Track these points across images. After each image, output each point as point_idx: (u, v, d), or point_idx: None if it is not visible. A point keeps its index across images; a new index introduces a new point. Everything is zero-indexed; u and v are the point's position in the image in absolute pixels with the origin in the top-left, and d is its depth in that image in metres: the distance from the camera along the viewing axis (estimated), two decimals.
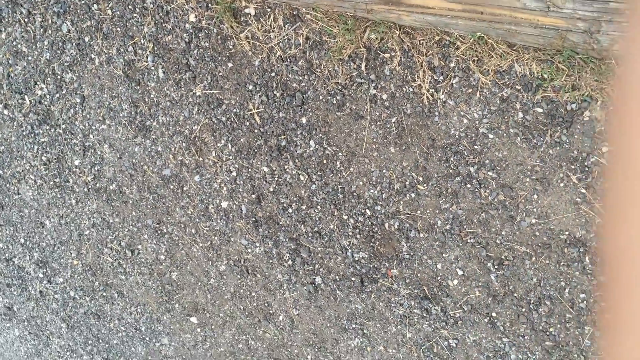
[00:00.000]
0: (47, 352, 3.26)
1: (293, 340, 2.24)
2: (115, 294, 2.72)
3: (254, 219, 2.15)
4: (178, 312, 2.54)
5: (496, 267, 1.72)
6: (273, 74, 1.92)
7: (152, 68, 2.17)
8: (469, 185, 1.66)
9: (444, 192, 1.70)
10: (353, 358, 2.11)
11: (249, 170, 2.10)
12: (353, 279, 1.97)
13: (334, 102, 1.82)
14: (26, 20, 2.37)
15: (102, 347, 2.94)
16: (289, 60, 1.87)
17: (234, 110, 2.04)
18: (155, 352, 2.74)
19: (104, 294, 2.76)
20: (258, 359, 2.38)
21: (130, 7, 2.11)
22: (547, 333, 1.75)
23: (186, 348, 2.61)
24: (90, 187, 2.53)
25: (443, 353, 1.88)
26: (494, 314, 1.79)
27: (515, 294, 1.74)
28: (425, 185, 1.71)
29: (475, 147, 1.62)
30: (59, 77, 2.41)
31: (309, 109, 1.88)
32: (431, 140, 1.67)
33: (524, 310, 1.75)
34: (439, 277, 1.79)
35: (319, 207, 1.98)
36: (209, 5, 1.94)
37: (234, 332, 2.40)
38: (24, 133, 2.64)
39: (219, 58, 2.01)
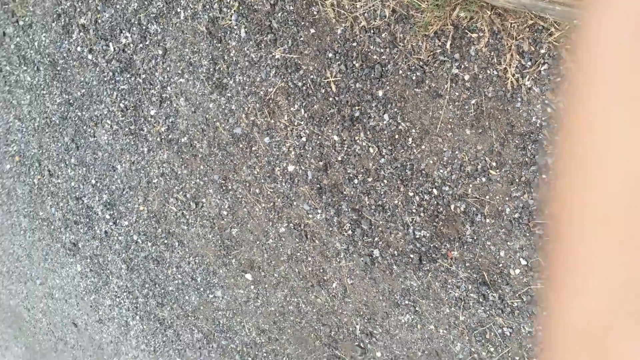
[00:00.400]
0: (105, 291, 3.42)
1: (343, 309, 2.28)
2: (176, 242, 2.82)
3: (318, 185, 2.18)
4: (234, 268, 2.62)
5: None
6: (354, 44, 1.92)
7: (235, 27, 2.20)
8: (544, 176, 1.63)
9: (517, 180, 1.68)
10: (402, 333, 2.13)
11: (319, 137, 2.12)
12: (412, 256, 1.98)
13: (414, 78, 1.80)
14: None
15: (157, 292, 3.07)
16: (372, 31, 1.86)
17: (311, 76, 2.06)
18: (208, 304, 2.84)
19: (165, 241, 2.86)
20: (307, 322, 2.44)
21: None
22: None
23: (238, 303, 2.69)
24: (163, 137, 2.62)
25: (495, 340, 1.88)
26: None
27: None
28: (497, 170, 1.69)
29: (557, 138, 1.58)
30: (144, 27, 2.48)
31: (387, 83, 1.87)
32: (510, 126, 1.64)
33: None
34: (500, 265, 1.77)
35: (385, 181, 1.98)
36: None
37: (286, 293, 2.46)
38: (105, 79, 2.73)
39: (302, 23, 2.02)
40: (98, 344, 3.73)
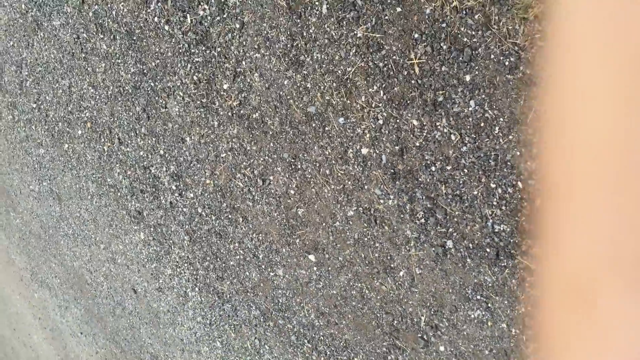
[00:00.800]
0: (166, 260, 3.47)
1: (409, 298, 2.22)
2: (240, 218, 2.81)
3: (392, 170, 2.11)
4: (298, 248, 2.59)
5: None
6: (444, 25, 1.83)
7: (317, 3, 2.14)
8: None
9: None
10: (470, 329, 2.05)
11: (397, 121, 2.04)
12: (488, 250, 1.90)
13: (507, 63, 1.71)
14: None
15: (218, 266, 3.08)
16: (464, 12, 1.76)
17: (394, 57, 1.98)
18: (268, 281, 2.83)
19: (230, 216, 2.86)
20: (369, 308, 2.39)
21: None
22: None
23: (299, 283, 2.67)
24: (234, 112, 2.60)
25: None
26: None
27: None
28: None
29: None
30: (222, 0, 2.45)
31: (476, 67, 1.78)
32: None
33: None
34: None
35: (465, 170, 1.90)
36: None
37: (350, 277, 2.42)
38: (180, 50, 2.73)
39: (388, 1, 1.94)
40: (155, 312, 3.80)
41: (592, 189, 0.24)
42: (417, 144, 2.01)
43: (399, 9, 1.92)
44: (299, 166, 2.44)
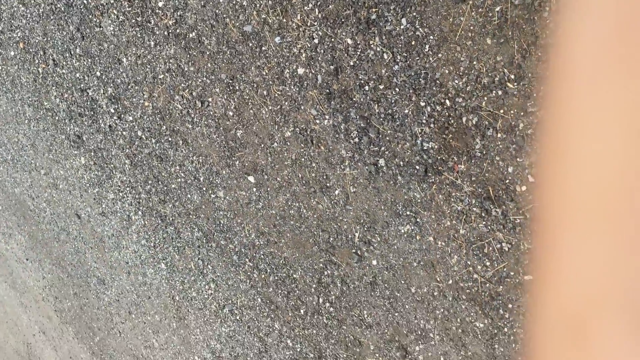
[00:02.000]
0: (108, 184, 3.44)
1: (344, 216, 2.29)
2: (180, 141, 2.80)
3: (327, 90, 2.13)
4: (237, 169, 2.61)
5: None
6: None
7: None
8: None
9: (535, 95, 1.63)
10: (400, 243, 2.15)
11: (332, 39, 2.04)
12: (417, 167, 1.96)
13: None
14: None
15: (160, 189, 3.08)
16: None
17: None
18: (209, 203, 2.85)
19: (170, 139, 2.84)
20: (307, 227, 2.46)
21: None
22: None
23: (239, 204, 2.70)
24: (170, 31, 2.53)
25: (493, 255, 1.89)
26: None
27: None
28: (515, 84, 1.64)
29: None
30: None
31: None
32: (534, 37, 1.57)
33: None
34: (507, 181, 1.75)
35: (397, 89, 1.93)
36: None
37: (288, 197, 2.47)
38: None
39: None
40: (100, 237, 3.80)
41: (590, 220, 0.23)
42: (352, 63, 2.02)
43: None
44: (237, 87, 2.42)
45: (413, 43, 1.83)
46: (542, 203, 0.26)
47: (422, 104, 1.88)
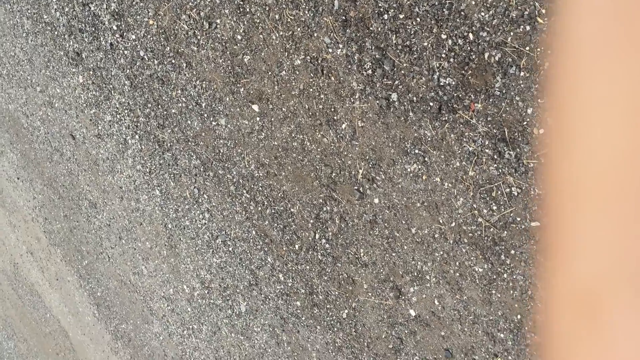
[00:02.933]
0: (105, 106, 3.35)
1: (349, 151, 2.23)
2: (184, 63, 2.70)
3: (344, 17, 2.03)
4: (242, 97, 2.53)
5: None
6: None
7: None
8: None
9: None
10: (405, 182, 2.10)
11: None
12: (431, 104, 1.89)
13: None
14: None
15: (159, 113, 3.00)
16: None
17: None
18: (210, 131, 2.78)
19: (173, 61, 2.74)
20: (309, 160, 2.40)
21: None
22: None
23: (241, 134, 2.64)
24: None
25: (501, 199, 1.85)
26: None
27: None
28: (546, 19, 1.55)
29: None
30: None
31: None
32: None
33: None
34: (525, 123, 1.69)
35: (418, 19, 1.84)
36: None
37: (292, 129, 2.40)
38: None
39: None
40: (94, 160, 3.73)
41: (603, 195, 0.22)
42: None
43: None
44: (248, 9, 2.32)
45: None
46: (557, 150, 0.25)
47: (444, 36, 1.79)
